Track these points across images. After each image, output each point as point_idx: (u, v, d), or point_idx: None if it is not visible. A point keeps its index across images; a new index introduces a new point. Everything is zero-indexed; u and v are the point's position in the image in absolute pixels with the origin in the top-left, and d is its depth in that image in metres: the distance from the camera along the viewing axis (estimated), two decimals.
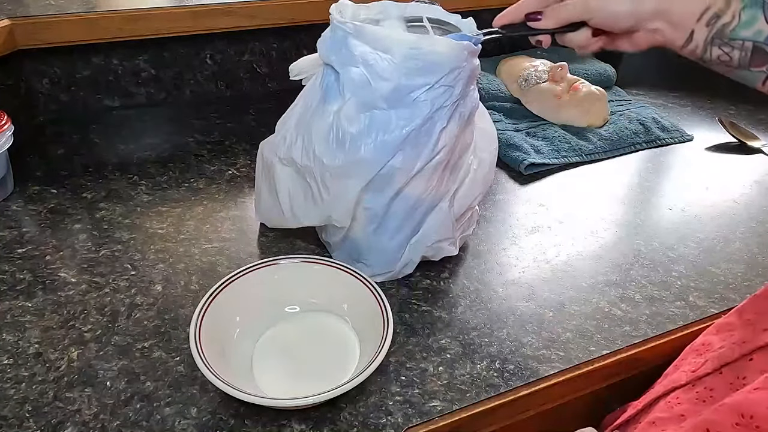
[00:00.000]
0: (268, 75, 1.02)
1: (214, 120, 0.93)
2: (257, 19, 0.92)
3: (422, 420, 0.47)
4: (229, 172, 0.79)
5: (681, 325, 0.58)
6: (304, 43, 1.01)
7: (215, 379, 0.43)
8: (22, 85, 0.87)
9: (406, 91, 0.50)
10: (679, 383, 0.46)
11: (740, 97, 1.08)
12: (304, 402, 0.44)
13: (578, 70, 1.03)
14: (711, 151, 0.93)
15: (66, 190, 0.73)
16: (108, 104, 0.94)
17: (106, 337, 0.53)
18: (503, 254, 0.67)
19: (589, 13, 0.48)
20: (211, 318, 0.49)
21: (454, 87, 0.51)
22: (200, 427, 0.46)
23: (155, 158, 0.82)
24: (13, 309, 0.56)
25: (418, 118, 0.51)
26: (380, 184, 0.53)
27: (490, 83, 0.99)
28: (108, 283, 0.59)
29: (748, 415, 0.36)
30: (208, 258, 0.63)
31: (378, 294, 0.52)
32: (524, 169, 0.82)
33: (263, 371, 0.50)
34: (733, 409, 0.37)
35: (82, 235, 0.66)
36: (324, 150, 0.53)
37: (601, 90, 0.94)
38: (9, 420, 0.45)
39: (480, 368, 0.52)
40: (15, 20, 0.79)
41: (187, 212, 0.71)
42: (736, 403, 0.37)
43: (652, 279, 0.64)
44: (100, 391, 0.48)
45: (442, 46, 0.49)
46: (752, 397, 0.36)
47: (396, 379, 0.51)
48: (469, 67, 0.52)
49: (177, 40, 0.92)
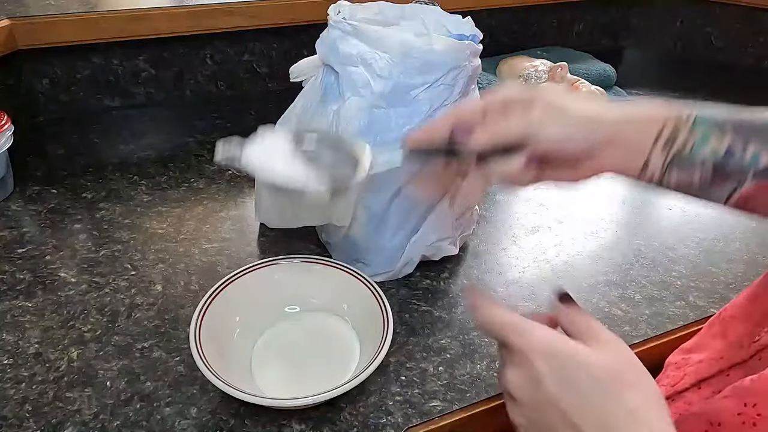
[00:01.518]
0: (268, 75, 1.02)
1: (214, 120, 0.93)
2: (257, 19, 0.92)
3: (422, 420, 0.47)
4: (229, 172, 0.79)
5: (681, 325, 0.58)
6: (304, 43, 1.01)
7: (215, 379, 0.43)
8: (22, 85, 0.87)
9: (405, 89, 0.50)
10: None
11: (740, 97, 1.08)
12: (304, 402, 0.44)
13: (578, 70, 1.03)
14: None
15: (66, 190, 0.73)
16: (108, 104, 0.94)
17: (106, 337, 0.53)
18: (503, 254, 0.67)
19: (535, 133, 0.40)
20: (211, 318, 0.49)
21: (454, 86, 0.51)
22: (200, 427, 0.46)
23: (155, 158, 0.82)
24: (13, 309, 0.56)
25: (418, 117, 0.51)
26: (380, 183, 0.53)
27: (490, 83, 0.99)
28: (108, 283, 0.59)
29: (716, 423, 0.36)
30: (208, 258, 0.63)
31: (378, 294, 0.52)
32: None
33: (263, 371, 0.50)
34: (702, 417, 0.37)
35: (82, 235, 0.66)
36: None
37: (601, 90, 0.94)
38: (9, 420, 0.45)
39: (480, 368, 0.52)
40: (15, 20, 0.79)
41: (187, 212, 0.71)
42: (705, 412, 0.37)
43: (652, 279, 0.64)
44: (100, 391, 0.48)
45: (440, 45, 0.49)
46: (720, 405, 0.36)
47: (396, 379, 0.51)
48: (470, 66, 0.52)
49: (177, 40, 0.92)
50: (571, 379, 0.34)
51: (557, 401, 0.34)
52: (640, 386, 0.33)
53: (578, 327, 0.37)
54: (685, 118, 0.40)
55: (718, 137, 0.39)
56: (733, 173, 0.40)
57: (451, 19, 0.58)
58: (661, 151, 0.40)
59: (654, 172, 0.40)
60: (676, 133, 0.40)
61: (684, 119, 0.40)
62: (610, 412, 0.32)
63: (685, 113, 0.40)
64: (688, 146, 0.40)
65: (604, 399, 0.33)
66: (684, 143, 0.40)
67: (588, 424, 0.33)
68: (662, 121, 0.40)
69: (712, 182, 0.40)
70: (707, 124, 0.40)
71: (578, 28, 1.28)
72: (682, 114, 0.40)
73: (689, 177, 0.40)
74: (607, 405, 0.33)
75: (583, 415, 0.33)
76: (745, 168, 0.39)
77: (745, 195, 0.40)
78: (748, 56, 1.23)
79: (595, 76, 1.04)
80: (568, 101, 0.40)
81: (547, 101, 0.40)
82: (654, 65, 1.29)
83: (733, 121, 0.40)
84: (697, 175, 0.40)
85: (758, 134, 0.39)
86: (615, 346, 0.35)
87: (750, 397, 0.35)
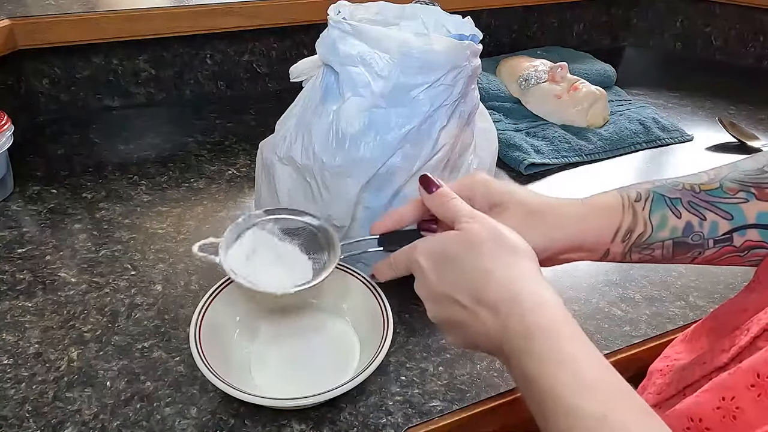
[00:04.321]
0: (268, 75, 1.02)
1: (214, 120, 0.93)
2: (257, 19, 0.92)
3: (422, 420, 0.47)
4: (229, 172, 0.79)
5: (681, 325, 0.58)
6: (304, 43, 1.01)
7: (215, 379, 0.43)
8: (22, 85, 0.87)
9: (405, 89, 0.50)
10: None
11: (740, 97, 1.08)
12: (304, 402, 0.44)
13: (578, 70, 1.03)
14: (711, 151, 0.92)
15: (66, 190, 0.73)
16: (108, 104, 0.94)
17: (106, 337, 0.53)
18: None
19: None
20: (211, 318, 0.49)
21: (454, 86, 0.51)
22: (200, 427, 0.46)
23: (155, 158, 0.82)
24: (13, 309, 0.56)
25: (418, 116, 0.51)
26: (380, 183, 0.53)
27: (490, 83, 0.99)
28: (108, 283, 0.59)
29: (697, 418, 0.36)
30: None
31: (378, 294, 0.52)
32: (524, 169, 0.82)
33: (263, 371, 0.50)
34: (683, 413, 0.37)
35: (82, 235, 0.66)
36: (324, 149, 0.53)
37: (601, 90, 0.94)
38: (9, 420, 0.45)
39: (480, 368, 0.52)
40: (15, 20, 0.79)
41: (187, 212, 0.70)
42: (686, 408, 0.37)
43: (652, 279, 0.64)
44: (100, 391, 0.48)
45: (440, 45, 0.49)
46: (700, 400, 0.37)
47: (396, 379, 0.51)
48: (470, 66, 0.52)
49: (177, 40, 0.92)
50: (441, 263, 0.39)
51: (437, 286, 0.39)
52: (494, 248, 0.38)
53: (444, 212, 0.42)
54: (640, 209, 0.43)
55: (675, 218, 0.42)
56: (694, 244, 0.42)
57: (451, 19, 0.58)
58: (620, 242, 0.43)
59: (614, 257, 0.44)
60: (633, 226, 0.42)
61: (640, 210, 0.43)
62: (472, 277, 0.37)
63: (641, 204, 0.43)
64: (646, 235, 0.43)
65: (464, 268, 0.38)
66: (641, 233, 0.43)
67: (462, 293, 0.38)
68: (618, 220, 0.43)
69: (674, 254, 0.43)
70: (663, 208, 0.42)
71: (578, 28, 1.28)
72: (637, 207, 0.43)
73: (650, 255, 0.44)
74: (468, 272, 0.38)
75: (458, 288, 0.38)
76: (705, 237, 0.42)
77: (709, 257, 0.43)
78: (748, 56, 1.23)
79: (595, 76, 1.04)
80: (535, 207, 0.43)
81: (517, 205, 0.43)
82: (654, 65, 1.29)
83: (687, 197, 0.42)
84: (658, 252, 0.43)
85: (712, 205, 0.42)
86: (478, 221, 0.39)
87: (727, 391, 0.35)
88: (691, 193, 0.42)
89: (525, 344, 0.34)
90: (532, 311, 0.35)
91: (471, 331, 0.38)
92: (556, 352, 0.33)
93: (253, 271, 0.46)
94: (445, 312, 0.40)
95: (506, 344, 0.35)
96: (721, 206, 0.42)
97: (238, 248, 0.47)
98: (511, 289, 0.36)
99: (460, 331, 0.39)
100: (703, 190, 0.42)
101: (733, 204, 0.41)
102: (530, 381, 0.33)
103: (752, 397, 0.34)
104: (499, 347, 0.36)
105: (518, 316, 0.35)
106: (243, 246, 0.48)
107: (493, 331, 0.36)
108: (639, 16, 1.32)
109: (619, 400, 0.32)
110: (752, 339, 0.37)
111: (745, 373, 0.35)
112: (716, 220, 0.42)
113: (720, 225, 0.42)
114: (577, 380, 0.32)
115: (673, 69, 1.26)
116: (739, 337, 0.39)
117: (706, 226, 0.42)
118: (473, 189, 0.44)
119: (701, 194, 0.42)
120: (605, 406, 0.31)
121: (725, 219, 0.41)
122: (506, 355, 0.36)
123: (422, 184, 0.43)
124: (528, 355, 0.34)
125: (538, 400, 0.33)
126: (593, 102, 0.92)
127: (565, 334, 0.34)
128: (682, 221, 0.42)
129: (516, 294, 0.36)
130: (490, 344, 0.37)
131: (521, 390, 0.35)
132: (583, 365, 0.33)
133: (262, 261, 0.48)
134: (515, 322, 0.35)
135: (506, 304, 0.36)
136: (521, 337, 0.34)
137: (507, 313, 0.35)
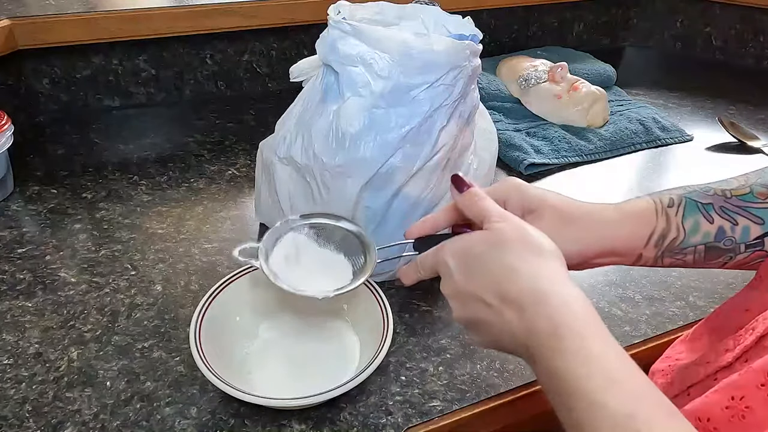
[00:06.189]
0: (268, 75, 1.02)
1: (214, 120, 0.93)
2: (257, 19, 0.92)
3: (422, 420, 0.47)
4: (229, 172, 0.79)
5: (681, 325, 0.58)
6: (304, 43, 1.01)
7: (215, 379, 0.43)
8: (22, 85, 0.87)
9: (405, 89, 0.50)
10: None
11: (740, 97, 1.08)
12: (304, 402, 0.44)
13: (578, 70, 1.03)
14: (711, 151, 0.92)
15: (66, 190, 0.73)
16: (108, 104, 0.94)
17: (106, 337, 0.53)
18: None
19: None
20: (211, 318, 0.49)
21: (454, 86, 0.51)
22: (200, 427, 0.46)
23: (155, 158, 0.82)
24: (13, 309, 0.56)
25: (418, 116, 0.51)
26: (380, 183, 0.53)
27: (490, 83, 0.99)
28: (108, 283, 0.59)
29: (705, 418, 0.36)
30: (208, 258, 0.63)
31: (378, 294, 0.52)
32: (524, 169, 0.82)
33: (263, 371, 0.50)
34: (691, 413, 0.37)
35: (82, 235, 0.66)
36: (324, 149, 0.53)
37: (601, 90, 0.94)
38: (9, 420, 0.45)
39: (480, 368, 0.52)
40: (15, 20, 0.79)
41: (187, 212, 0.70)
42: (695, 408, 0.37)
43: (652, 279, 0.64)
44: (100, 391, 0.48)
45: (440, 45, 0.49)
46: (708, 401, 0.37)
47: (396, 379, 0.51)
48: (470, 66, 0.52)
49: (177, 40, 0.92)
50: (468, 262, 0.39)
51: (463, 285, 0.39)
52: (520, 247, 0.37)
53: (474, 212, 0.41)
54: (674, 214, 0.43)
55: (708, 223, 0.43)
56: (726, 249, 0.43)
57: (451, 19, 0.58)
58: (653, 248, 0.43)
59: (646, 262, 0.44)
60: (666, 232, 0.43)
61: (673, 216, 0.43)
62: (498, 275, 0.37)
63: (674, 210, 0.43)
64: (678, 240, 0.43)
65: (489, 267, 0.38)
66: (674, 238, 0.43)
67: (488, 292, 0.37)
68: (651, 226, 0.43)
69: (706, 259, 0.44)
70: (696, 213, 0.43)
71: (578, 28, 1.28)
72: (670, 212, 0.43)
73: (682, 260, 0.44)
74: (494, 271, 0.37)
75: (483, 286, 0.38)
76: (737, 242, 0.43)
77: (741, 262, 0.44)
78: (748, 56, 1.23)
79: (595, 76, 1.04)
80: (569, 213, 0.44)
81: (551, 211, 0.43)
82: (654, 65, 1.29)
83: (719, 202, 0.43)
84: (690, 257, 0.44)
85: (744, 209, 0.42)
86: (506, 221, 0.39)
87: (737, 391, 0.35)
88: (723, 199, 0.43)
89: (553, 342, 0.34)
90: (559, 310, 0.35)
91: (496, 329, 0.38)
92: (585, 349, 0.33)
93: (293, 275, 0.47)
94: (470, 311, 0.39)
95: (532, 342, 0.35)
96: (752, 211, 0.42)
97: (277, 253, 0.48)
98: (538, 288, 0.36)
99: (485, 329, 0.39)
100: (735, 195, 0.43)
101: (765, 209, 0.42)
102: (557, 379, 0.33)
103: (762, 397, 0.34)
104: (524, 345, 0.36)
105: (545, 314, 0.35)
106: (282, 250, 0.48)
107: (518, 329, 0.36)
108: (639, 16, 1.32)
109: (646, 399, 0.32)
110: (758, 338, 0.37)
111: (756, 373, 0.35)
112: (748, 225, 0.42)
113: (752, 230, 0.42)
114: (605, 377, 0.32)
115: (673, 69, 1.26)
116: (744, 336, 0.39)
117: (737, 231, 0.42)
118: (508, 194, 0.45)
119: (732, 199, 0.43)
120: (632, 404, 0.31)
121: (757, 224, 0.42)
122: (531, 353, 0.36)
123: (454, 183, 0.43)
124: (556, 353, 0.34)
125: (564, 396, 0.33)
126: (593, 102, 0.92)
127: (593, 332, 0.34)
128: (714, 226, 0.42)
129: (543, 293, 0.36)
130: (515, 342, 0.37)
131: (545, 386, 0.35)
132: (612, 363, 0.33)
133: (301, 265, 0.48)
134: (542, 320, 0.35)
135: (532, 302, 0.36)
136: (549, 336, 0.34)
137: (534, 311, 0.35)
